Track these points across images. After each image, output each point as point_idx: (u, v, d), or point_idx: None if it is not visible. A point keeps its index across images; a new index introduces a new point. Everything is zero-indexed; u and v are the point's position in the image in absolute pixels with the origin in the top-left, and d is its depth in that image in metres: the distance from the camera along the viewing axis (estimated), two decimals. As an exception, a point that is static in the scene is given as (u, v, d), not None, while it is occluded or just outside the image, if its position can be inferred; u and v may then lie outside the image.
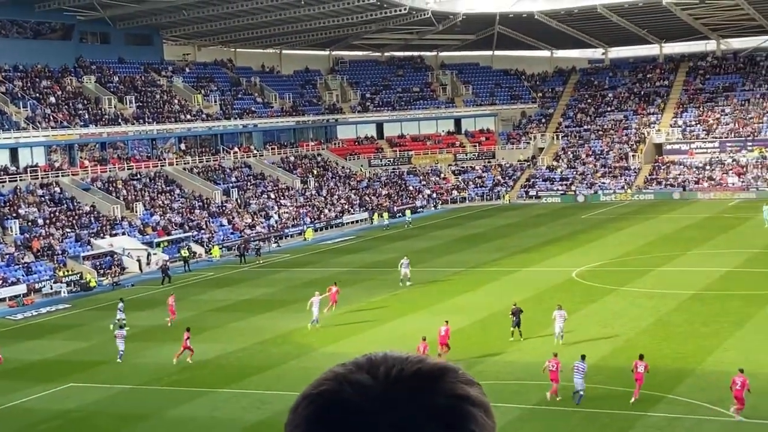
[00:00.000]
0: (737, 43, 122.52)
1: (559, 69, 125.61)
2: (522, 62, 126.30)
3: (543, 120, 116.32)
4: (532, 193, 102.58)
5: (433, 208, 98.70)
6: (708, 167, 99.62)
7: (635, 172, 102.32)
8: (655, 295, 47.73)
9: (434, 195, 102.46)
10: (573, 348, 37.92)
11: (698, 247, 62.26)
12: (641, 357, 31.82)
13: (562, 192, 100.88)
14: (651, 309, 44.24)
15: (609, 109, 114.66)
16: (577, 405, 31.28)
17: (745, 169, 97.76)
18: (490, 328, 42.63)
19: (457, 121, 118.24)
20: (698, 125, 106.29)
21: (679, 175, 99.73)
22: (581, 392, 31.40)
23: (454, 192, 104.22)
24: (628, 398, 31.35)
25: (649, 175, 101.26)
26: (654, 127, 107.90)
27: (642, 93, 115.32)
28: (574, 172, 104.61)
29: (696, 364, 34.85)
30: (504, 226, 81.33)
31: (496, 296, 50.02)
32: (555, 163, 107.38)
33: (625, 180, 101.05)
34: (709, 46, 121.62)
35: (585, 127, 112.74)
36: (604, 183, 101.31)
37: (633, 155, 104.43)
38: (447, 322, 38.56)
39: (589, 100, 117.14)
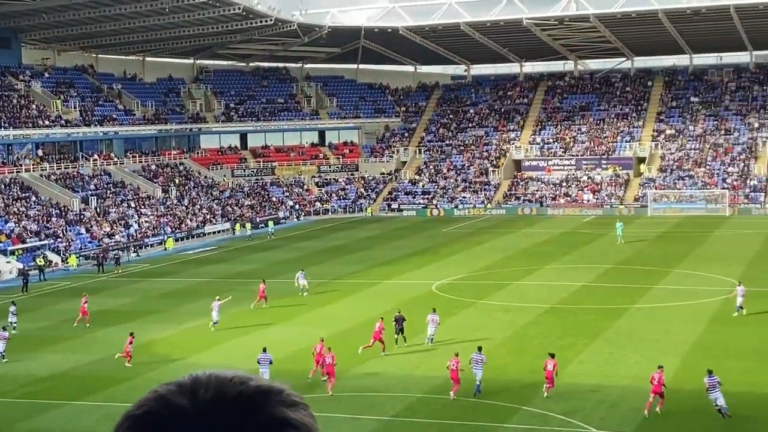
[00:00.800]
0: (594, 64, 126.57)
1: (423, 84, 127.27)
2: (386, 76, 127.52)
3: (406, 134, 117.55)
4: (395, 206, 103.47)
5: (296, 220, 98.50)
6: (564, 184, 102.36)
7: (495, 187, 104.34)
8: (513, 309, 48.67)
9: (297, 206, 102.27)
10: (434, 359, 38.36)
11: (554, 262, 63.81)
12: (552, 356, 33.39)
13: (423, 205, 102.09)
14: (508, 322, 45.08)
15: (470, 125, 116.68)
16: (475, 396, 32.88)
17: (599, 187, 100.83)
18: (352, 341, 42.64)
19: (321, 133, 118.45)
20: (556, 143, 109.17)
21: (537, 191, 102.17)
22: (479, 383, 33.13)
23: (317, 204, 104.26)
24: (480, 409, 31.83)
25: (508, 190, 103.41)
26: (513, 144, 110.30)
27: (503, 110, 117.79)
28: (436, 186, 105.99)
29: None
30: (366, 238, 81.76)
31: (357, 308, 50.17)
32: (417, 177, 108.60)
33: (485, 195, 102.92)
34: (568, 66, 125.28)
35: (447, 142, 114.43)
36: (464, 197, 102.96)
37: (493, 171, 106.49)
38: (322, 339, 37.83)
39: (451, 116, 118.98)
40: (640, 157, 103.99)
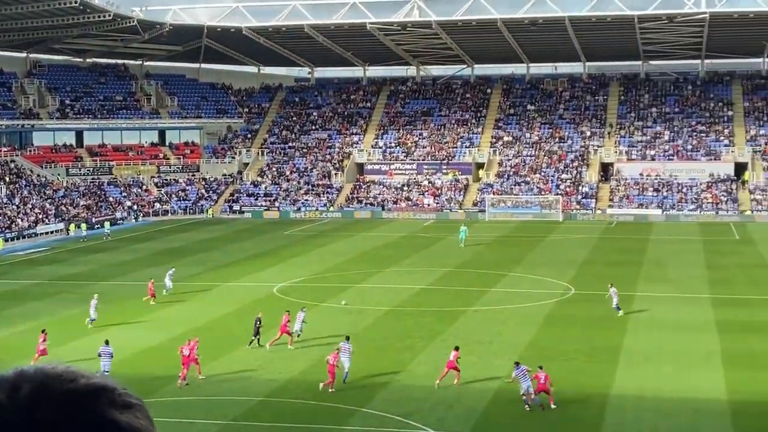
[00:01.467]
0: (436, 70, 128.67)
1: (266, 85, 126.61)
2: (229, 76, 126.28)
3: (249, 135, 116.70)
4: (236, 207, 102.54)
5: (133, 221, 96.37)
6: (406, 188, 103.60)
7: (338, 190, 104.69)
8: (353, 311, 48.86)
9: (135, 207, 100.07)
10: (275, 362, 38.14)
11: (395, 265, 64.44)
12: (456, 348, 35.59)
13: (266, 207, 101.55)
14: (349, 324, 45.20)
15: (314, 127, 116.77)
16: (344, 383, 34.35)
17: (440, 191, 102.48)
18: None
19: (162, 133, 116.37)
20: (398, 147, 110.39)
21: (379, 194, 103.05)
22: (347, 373, 34.97)
23: (157, 204, 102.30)
24: (319, 411, 31.82)
25: (351, 193, 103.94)
26: (356, 147, 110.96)
27: (346, 113, 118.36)
28: (278, 189, 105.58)
29: (390, 378, 35.91)
30: (206, 240, 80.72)
31: (197, 311, 49.43)
32: (259, 179, 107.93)
33: (328, 198, 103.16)
34: (410, 71, 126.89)
35: (290, 144, 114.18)
36: (307, 200, 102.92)
37: (336, 174, 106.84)
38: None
39: (294, 118, 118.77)
40: (479, 163, 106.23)
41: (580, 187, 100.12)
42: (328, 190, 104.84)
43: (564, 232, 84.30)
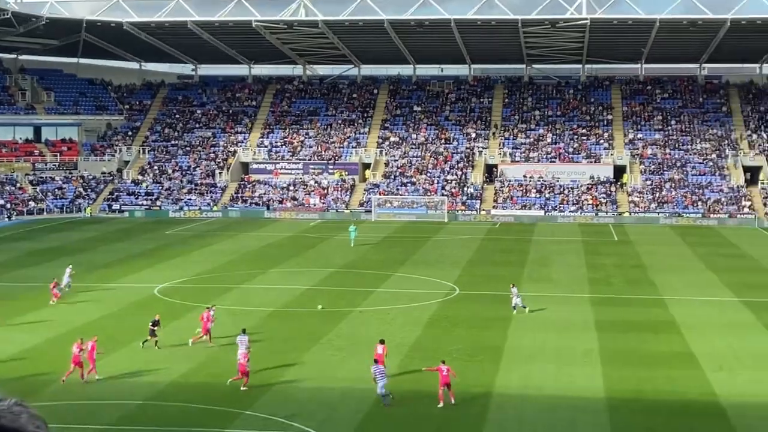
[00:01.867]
0: (322, 70, 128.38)
1: (148, 82, 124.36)
2: (109, 72, 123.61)
3: (129, 133, 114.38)
4: (116, 206, 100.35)
5: (7, 219, 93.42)
6: (292, 188, 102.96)
7: (222, 189, 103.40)
8: (238, 312, 48.15)
9: (9, 205, 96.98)
10: (156, 363, 37.28)
11: (280, 266, 63.86)
12: (382, 341, 35.70)
13: (147, 206, 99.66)
14: (232, 325, 44.44)
15: (198, 125, 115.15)
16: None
17: (326, 191, 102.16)
18: (68, 346, 40.67)
19: (37, 129, 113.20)
20: (284, 146, 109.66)
21: (264, 194, 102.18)
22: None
23: (32, 203, 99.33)
24: (202, 414, 31.18)
25: (236, 193, 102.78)
26: (241, 146, 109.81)
27: (231, 112, 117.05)
28: (161, 187, 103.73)
29: (274, 380, 35.44)
30: (84, 240, 78.74)
31: (73, 313, 47.99)
32: (141, 178, 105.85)
33: (212, 197, 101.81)
34: (296, 70, 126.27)
35: (173, 142, 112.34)
36: (190, 199, 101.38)
37: (220, 173, 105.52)
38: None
39: (177, 116, 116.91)
40: (365, 163, 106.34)
41: (465, 188, 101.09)
42: (212, 189, 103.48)
43: (449, 232, 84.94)
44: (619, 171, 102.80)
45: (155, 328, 40.34)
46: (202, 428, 30.16)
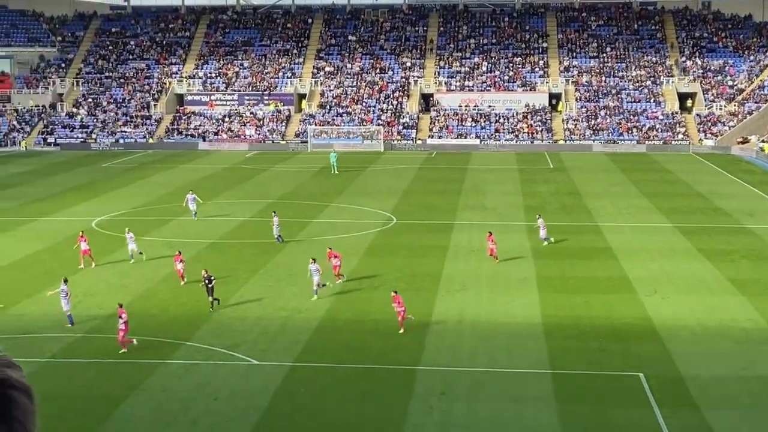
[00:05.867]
0: (256, 0, 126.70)
1: (81, 13, 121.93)
2: (41, 4, 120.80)
3: (63, 65, 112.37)
4: (51, 140, 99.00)
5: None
6: (227, 119, 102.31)
7: (157, 121, 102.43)
8: (175, 244, 48.23)
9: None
10: (92, 298, 37.41)
11: (216, 198, 63.79)
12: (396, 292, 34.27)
13: (82, 139, 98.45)
14: (169, 259, 44.60)
15: (131, 57, 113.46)
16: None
17: (261, 122, 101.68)
18: (8, 280, 40.60)
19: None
20: (218, 78, 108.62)
21: (200, 125, 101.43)
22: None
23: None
24: (147, 347, 31.49)
25: (171, 125, 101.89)
26: (176, 78, 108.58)
27: (164, 43, 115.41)
28: (95, 120, 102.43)
29: (214, 311, 35.75)
30: (20, 173, 77.82)
31: (11, 247, 47.73)
32: (75, 110, 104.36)
33: (147, 129, 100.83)
34: (230, 0, 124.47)
35: (107, 74, 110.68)
36: (125, 132, 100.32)
37: (154, 105, 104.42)
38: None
39: (111, 47, 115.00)
40: (300, 94, 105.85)
41: (401, 118, 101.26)
42: (147, 121, 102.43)
43: (385, 162, 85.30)
44: (554, 99, 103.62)
45: (210, 284, 36.36)
46: (145, 359, 30.50)
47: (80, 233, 44.33)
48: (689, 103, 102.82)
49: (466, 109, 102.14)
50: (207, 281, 36.12)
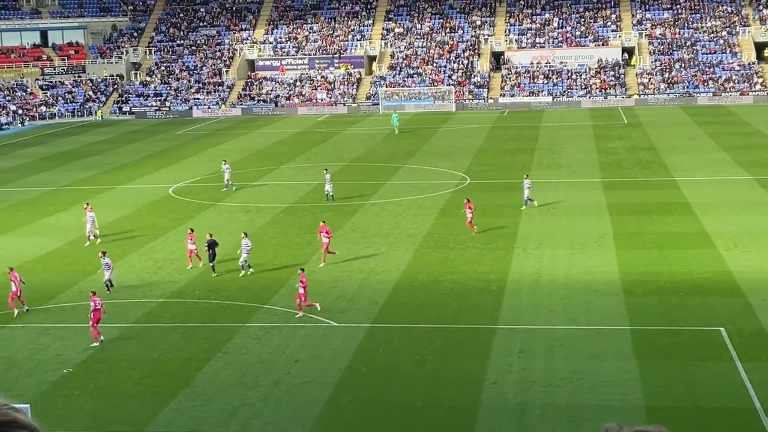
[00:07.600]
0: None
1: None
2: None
3: (135, 34, 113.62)
4: (126, 108, 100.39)
5: (20, 125, 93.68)
6: (298, 83, 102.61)
7: (229, 88, 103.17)
8: (251, 209, 48.74)
9: (21, 111, 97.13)
10: (172, 264, 38.02)
11: (290, 162, 64.21)
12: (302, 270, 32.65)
13: (156, 107, 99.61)
14: (247, 223, 45.10)
15: (202, 24, 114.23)
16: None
17: (332, 86, 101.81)
18: (86, 249, 41.42)
19: (44, 33, 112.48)
20: (288, 42, 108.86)
21: (272, 90, 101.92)
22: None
23: (43, 108, 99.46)
24: (223, 310, 31.97)
25: (243, 90, 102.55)
26: (246, 44, 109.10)
27: (234, 9, 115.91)
28: (169, 88, 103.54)
29: (290, 274, 36.11)
30: (97, 143, 79.10)
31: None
32: (148, 79, 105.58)
33: (219, 96, 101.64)
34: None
35: (178, 42, 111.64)
36: (198, 99, 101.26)
37: (226, 71, 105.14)
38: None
39: (181, 15, 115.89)
40: (371, 56, 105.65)
41: (472, 77, 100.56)
42: (219, 88, 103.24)
43: (457, 122, 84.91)
44: (627, 53, 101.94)
45: (213, 250, 36.65)
46: (225, 323, 30.96)
47: (189, 230, 39.55)
48: (767, 52, 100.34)
49: (537, 67, 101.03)
50: (208, 247, 36.47)
